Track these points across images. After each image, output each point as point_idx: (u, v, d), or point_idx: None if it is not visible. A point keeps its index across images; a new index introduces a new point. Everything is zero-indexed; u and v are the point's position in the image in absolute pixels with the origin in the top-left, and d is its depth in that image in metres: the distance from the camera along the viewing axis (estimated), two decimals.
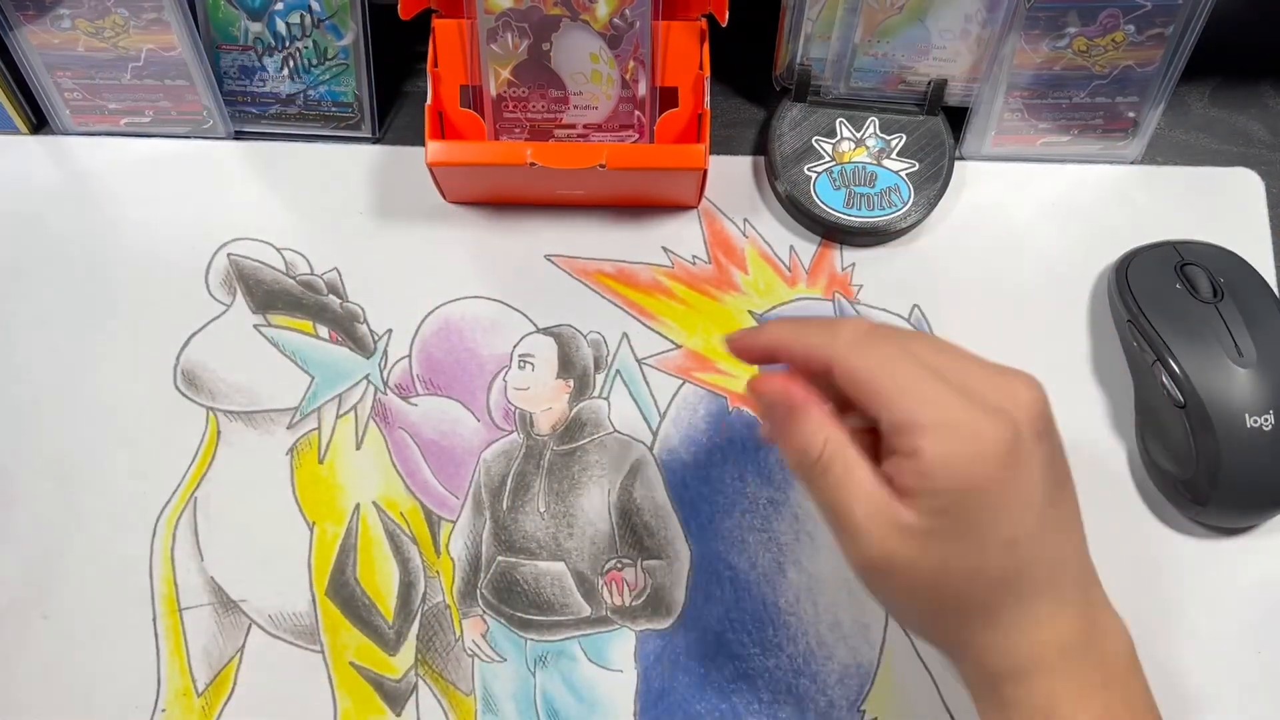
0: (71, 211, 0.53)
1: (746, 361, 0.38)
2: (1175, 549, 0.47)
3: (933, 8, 0.49)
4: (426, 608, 0.46)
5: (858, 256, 0.52)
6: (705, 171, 0.49)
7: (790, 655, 0.46)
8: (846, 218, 0.51)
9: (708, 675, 0.45)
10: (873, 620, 0.46)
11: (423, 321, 0.51)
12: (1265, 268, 0.51)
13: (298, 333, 0.50)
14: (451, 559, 0.47)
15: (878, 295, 0.51)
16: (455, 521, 0.47)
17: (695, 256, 0.52)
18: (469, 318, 0.51)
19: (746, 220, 0.53)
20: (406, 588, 0.46)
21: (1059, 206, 0.53)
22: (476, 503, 0.48)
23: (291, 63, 0.52)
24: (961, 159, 0.54)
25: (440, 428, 0.49)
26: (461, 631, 0.46)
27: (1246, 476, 0.45)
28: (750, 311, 0.51)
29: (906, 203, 0.51)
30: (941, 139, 0.52)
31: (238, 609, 0.46)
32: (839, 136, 0.52)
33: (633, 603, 0.46)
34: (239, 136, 0.54)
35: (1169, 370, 0.46)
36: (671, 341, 0.50)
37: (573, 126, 0.51)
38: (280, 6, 0.50)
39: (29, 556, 0.47)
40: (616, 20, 0.48)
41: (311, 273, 0.51)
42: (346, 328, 0.50)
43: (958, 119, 0.53)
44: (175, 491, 0.48)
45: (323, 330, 0.50)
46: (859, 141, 0.52)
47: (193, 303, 0.51)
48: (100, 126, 0.54)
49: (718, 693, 0.45)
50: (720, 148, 0.54)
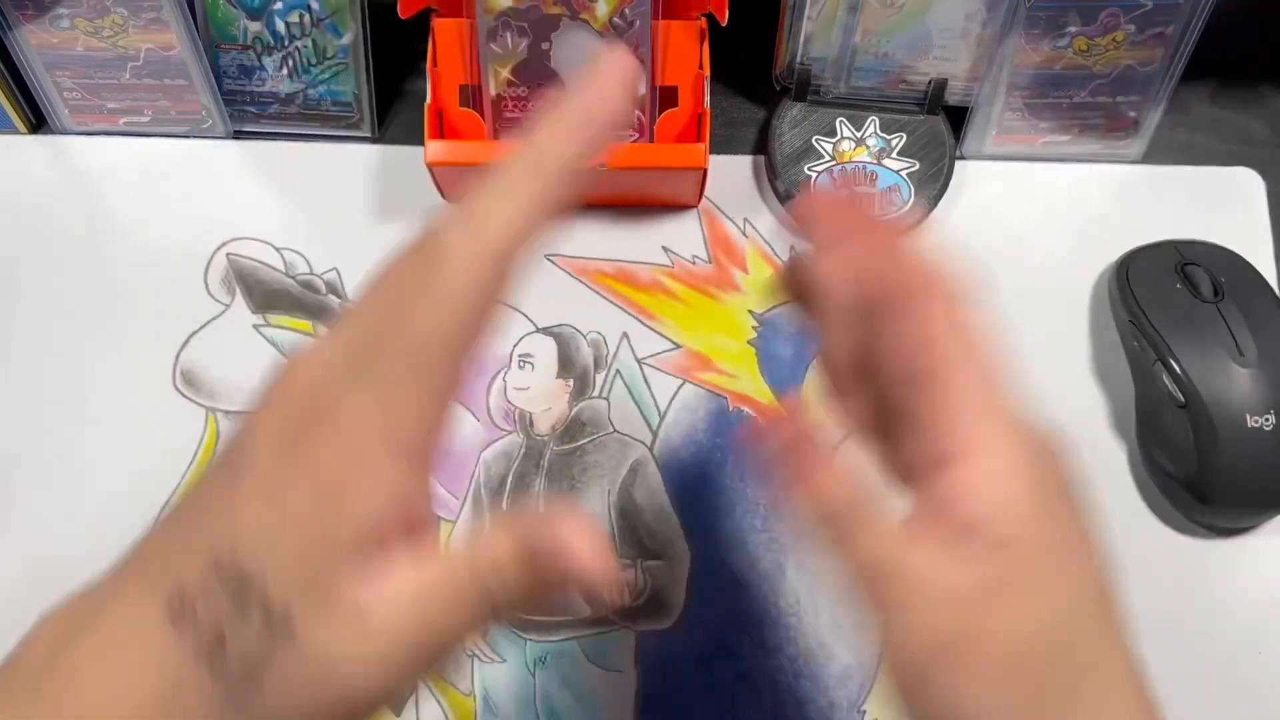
0: (70, 211, 0.52)
1: (805, 219, 0.30)
2: (1176, 549, 0.47)
3: (933, 7, 0.49)
4: None
5: None
6: (705, 171, 0.48)
7: (790, 656, 0.45)
8: None
9: (708, 676, 0.45)
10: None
11: None
12: (1266, 267, 0.51)
13: (297, 333, 0.50)
14: None
15: None
16: (455, 521, 0.47)
17: (695, 256, 0.52)
18: None
19: (747, 220, 0.53)
20: None
21: (1060, 206, 0.53)
22: (476, 503, 0.48)
23: (291, 62, 0.52)
24: (962, 158, 0.54)
25: None
26: None
27: (1247, 476, 0.45)
28: (750, 311, 0.51)
29: (907, 202, 0.51)
30: (942, 138, 0.52)
31: None
32: (839, 136, 0.52)
33: (633, 604, 0.46)
34: (238, 136, 0.54)
35: (1170, 370, 0.46)
36: (672, 341, 0.50)
37: None
38: (279, 6, 0.50)
39: (28, 556, 0.47)
40: (616, 20, 0.48)
41: (311, 272, 0.51)
42: None
43: (958, 118, 0.53)
44: (174, 492, 0.47)
45: (322, 330, 0.50)
46: (859, 141, 0.52)
47: (192, 302, 0.51)
48: (99, 126, 0.53)
49: (718, 693, 0.45)
50: (720, 147, 0.54)
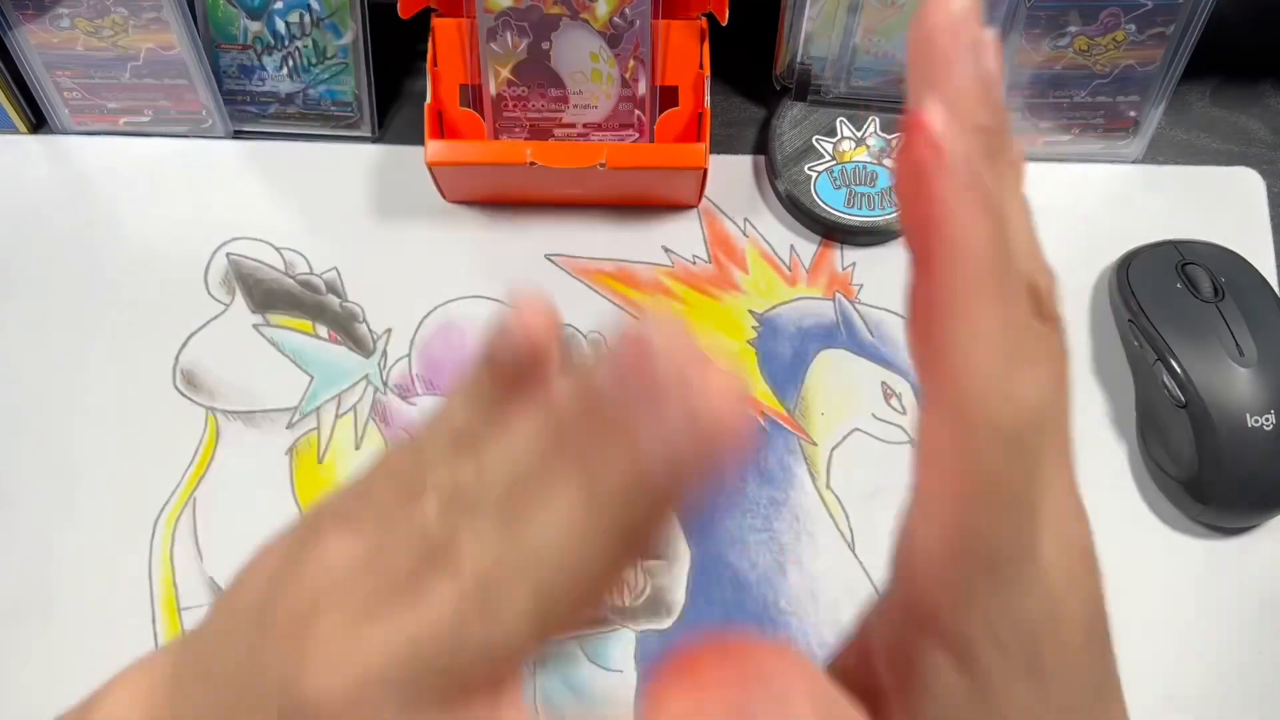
0: (70, 211, 0.52)
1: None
2: (1176, 548, 0.47)
3: None
4: None
5: (858, 256, 0.52)
6: (705, 171, 0.48)
7: None
8: (847, 217, 0.51)
9: None
10: None
11: (422, 321, 0.51)
12: (1266, 267, 0.51)
13: (297, 332, 0.50)
14: None
15: (878, 295, 0.51)
16: None
17: (695, 256, 0.52)
18: (469, 317, 0.51)
19: (747, 220, 0.53)
20: None
21: (1060, 206, 0.53)
22: None
23: (291, 62, 0.52)
24: None
25: None
26: None
27: (1247, 476, 0.45)
28: (751, 311, 0.51)
29: None
30: None
31: None
32: (839, 136, 0.52)
33: (632, 603, 0.46)
34: (238, 136, 0.54)
35: (1170, 370, 0.46)
36: None
37: (572, 126, 0.51)
38: (279, 5, 0.50)
39: (28, 557, 0.47)
40: (616, 19, 0.48)
41: (311, 272, 0.51)
42: (346, 327, 0.50)
43: None
44: (174, 492, 0.48)
45: (322, 330, 0.50)
46: (860, 141, 0.52)
47: (192, 302, 0.51)
48: (99, 126, 0.53)
49: None
50: (720, 147, 0.54)
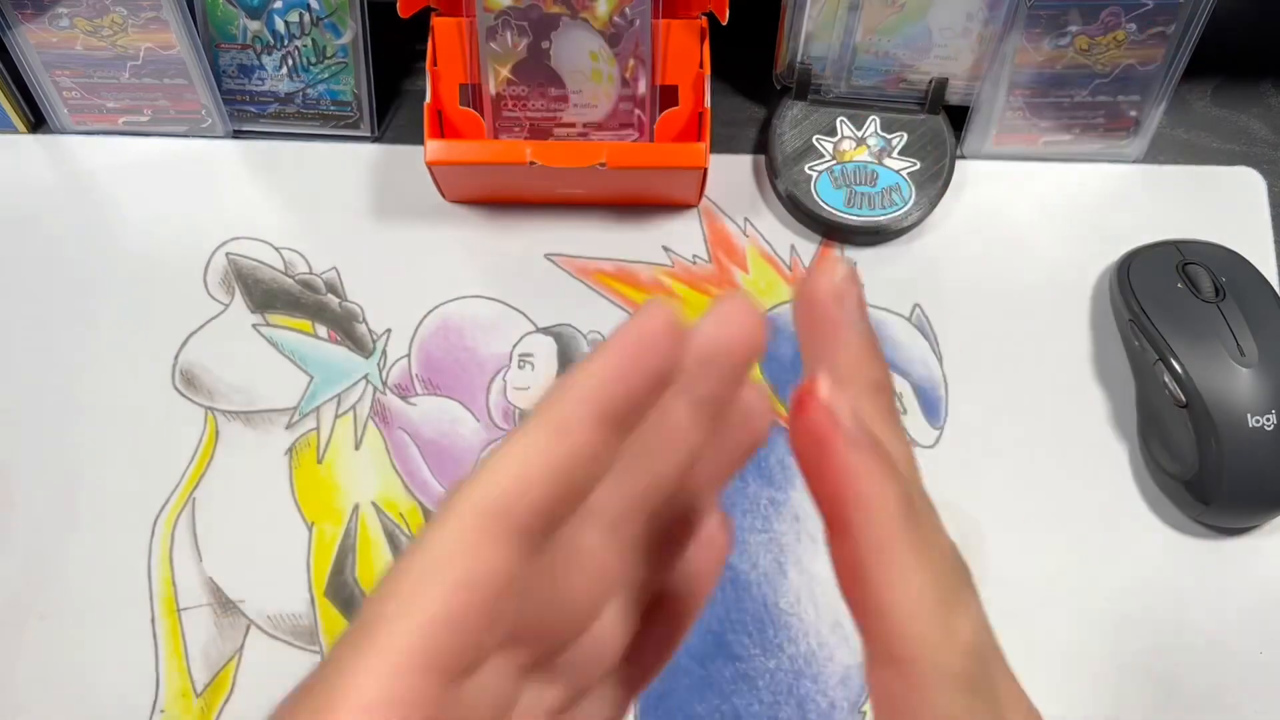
0: (69, 211, 0.52)
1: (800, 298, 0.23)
2: (1177, 549, 0.47)
3: (934, 6, 0.49)
4: None
5: (858, 256, 0.52)
6: (705, 170, 0.48)
7: (791, 656, 0.45)
8: (847, 217, 0.51)
9: (708, 676, 0.45)
10: None
11: (422, 321, 0.50)
12: (1267, 267, 0.51)
13: (296, 332, 0.50)
14: None
15: (879, 295, 0.51)
16: None
17: (695, 256, 0.52)
18: (468, 317, 0.51)
19: (747, 219, 0.53)
20: None
21: (1060, 205, 0.53)
22: None
23: (290, 61, 0.52)
24: (963, 158, 0.54)
25: (440, 427, 0.49)
26: None
27: (1248, 476, 0.45)
28: None
29: (907, 202, 0.51)
30: (943, 138, 0.52)
31: (236, 609, 0.46)
32: (840, 135, 0.52)
33: None
34: (237, 135, 0.54)
35: (1171, 370, 0.46)
36: None
37: (572, 125, 0.51)
38: (279, 5, 0.50)
39: (27, 557, 0.47)
40: (616, 18, 0.48)
41: (310, 272, 0.51)
42: (345, 327, 0.50)
43: (959, 118, 0.53)
44: (174, 491, 0.47)
45: (321, 330, 0.50)
46: (860, 140, 0.52)
47: (191, 302, 0.51)
48: (98, 125, 0.53)
49: (718, 694, 0.45)
50: (720, 146, 0.54)
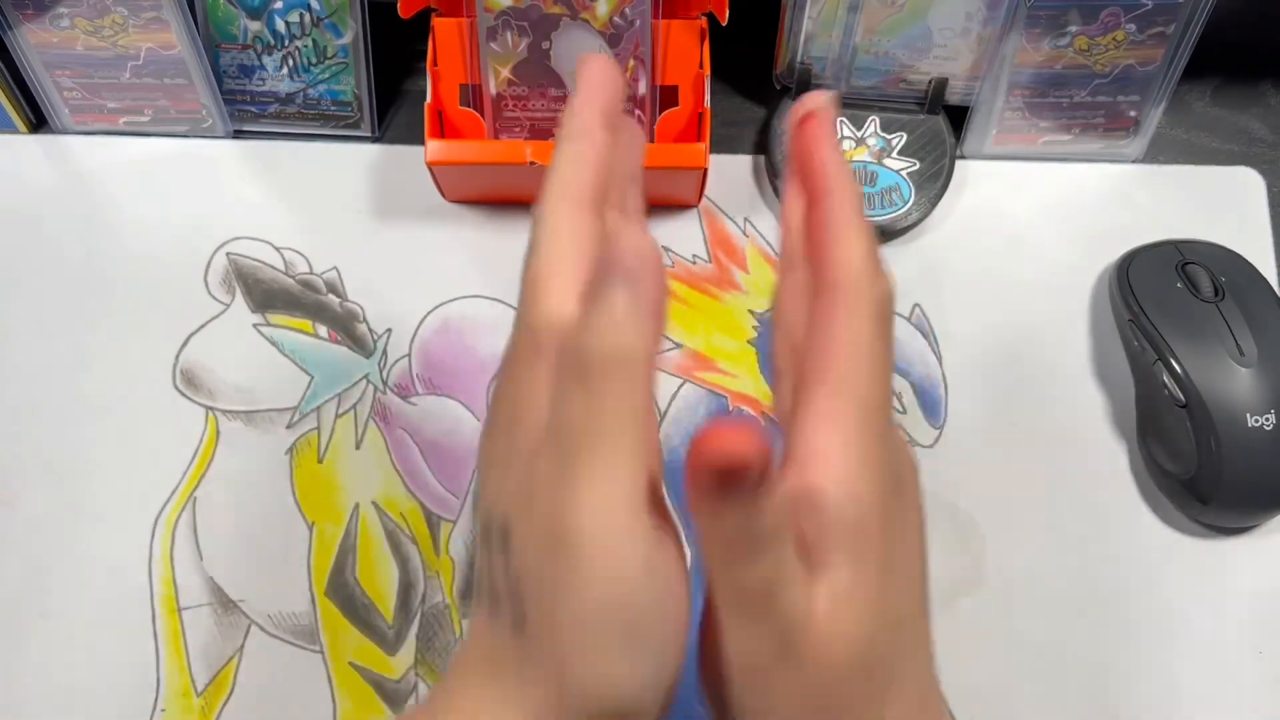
0: (70, 211, 0.52)
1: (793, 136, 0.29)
2: (1176, 549, 0.47)
3: (933, 6, 0.49)
4: (426, 608, 0.46)
5: None
6: (705, 170, 0.48)
7: None
8: None
9: None
10: None
11: (422, 321, 0.51)
12: (1266, 267, 0.51)
13: (297, 332, 0.50)
14: (451, 559, 0.47)
15: None
16: (455, 521, 0.47)
17: (695, 255, 0.52)
18: (469, 317, 0.51)
19: (747, 219, 0.53)
20: (406, 588, 0.46)
21: (1060, 205, 0.53)
22: (477, 502, 0.48)
23: (291, 61, 0.52)
24: (962, 158, 0.54)
25: (440, 427, 0.49)
26: (462, 631, 0.46)
27: (1248, 476, 0.45)
28: (751, 310, 0.51)
29: (907, 202, 0.51)
30: (942, 138, 0.52)
31: (237, 609, 0.46)
32: (839, 135, 0.52)
33: None
34: (238, 135, 0.54)
35: (1170, 369, 0.46)
36: (672, 341, 0.50)
37: None
38: (279, 5, 0.50)
39: (28, 556, 0.47)
40: (616, 19, 0.48)
41: (311, 272, 0.51)
42: (346, 327, 0.50)
43: (959, 118, 0.53)
44: (174, 491, 0.48)
45: (322, 329, 0.50)
46: (860, 140, 0.52)
47: (192, 302, 0.51)
48: (99, 125, 0.53)
49: None
50: (720, 147, 0.54)
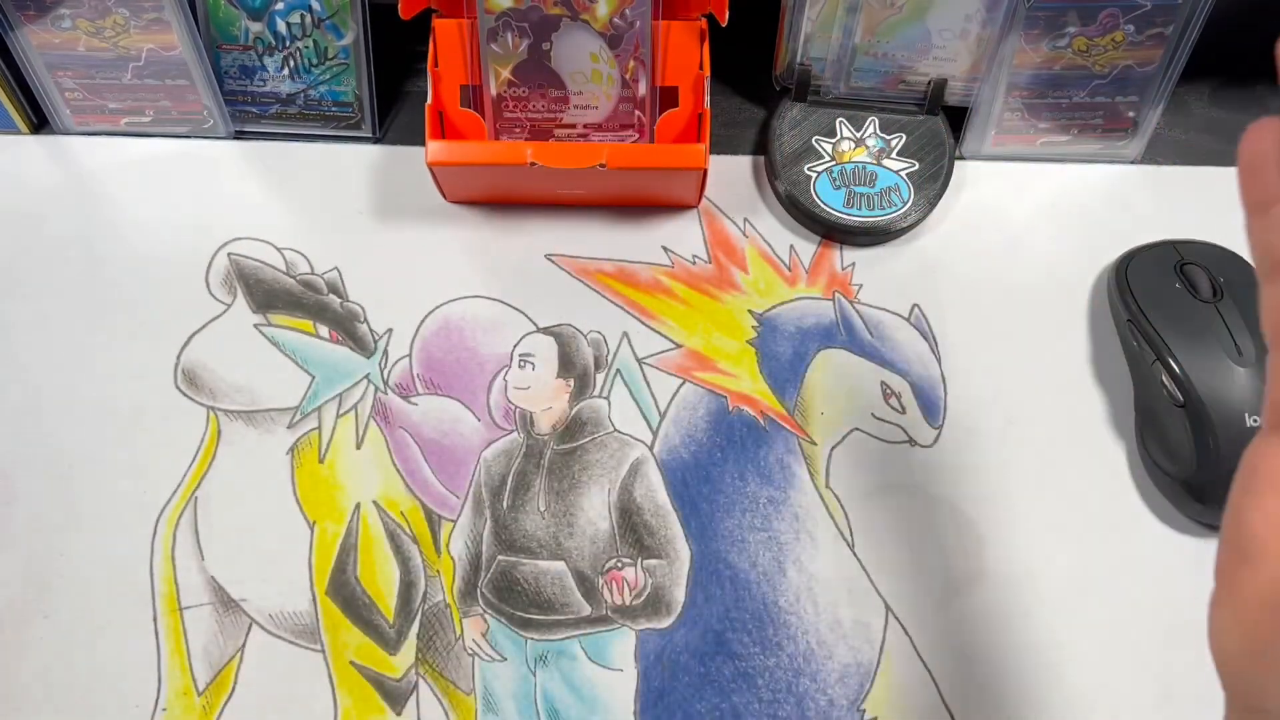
0: (72, 211, 0.53)
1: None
2: (1175, 548, 0.47)
3: (933, 7, 0.49)
4: (427, 607, 0.46)
5: (858, 256, 0.52)
6: (705, 171, 0.49)
7: (790, 654, 0.46)
8: (846, 217, 0.51)
9: (708, 674, 0.45)
10: (873, 619, 0.46)
11: (423, 321, 0.51)
12: None
13: (298, 332, 0.50)
14: (452, 558, 0.47)
15: (878, 295, 0.51)
16: (455, 521, 0.47)
17: (695, 256, 0.52)
18: (469, 317, 0.51)
19: (747, 220, 0.53)
20: (407, 587, 0.46)
21: (1059, 206, 0.53)
22: (477, 502, 0.48)
23: (292, 62, 0.52)
24: (961, 158, 0.54)
25: (440, 427, 0.49)
26: (462, 631, 0.46)
27: None
28: (751, 311, 0.51)
29: (906, 202, 0.51)
30: (941, 138, 0.52)
31: (238, 608, 0.46)
32: (839, 136, 0.52)
33: (633, 602, 0.46)
34: (239, 136, 0.54)
35: (1169, 370, 0.46)
36: (672, 341, 0.50)
37: (573, 126, 0.51)
38: (280, 6, 0.50)
39: (29, 556, 0.47)
40: (616, 20, 0.48)
41: (312, 272, 0.51)
42: (347, 327, 0.50)
43: (958, 118, 0.53)
44: (176, 491, 0.48)
45: (323, 330, 0.50)
46: (859, 141, 0.52)
47: (193, 302, 0.51)
48: (100, 126, 0.54)
49: (718, 692, 0.45)
50: (720, 147, 0.54)
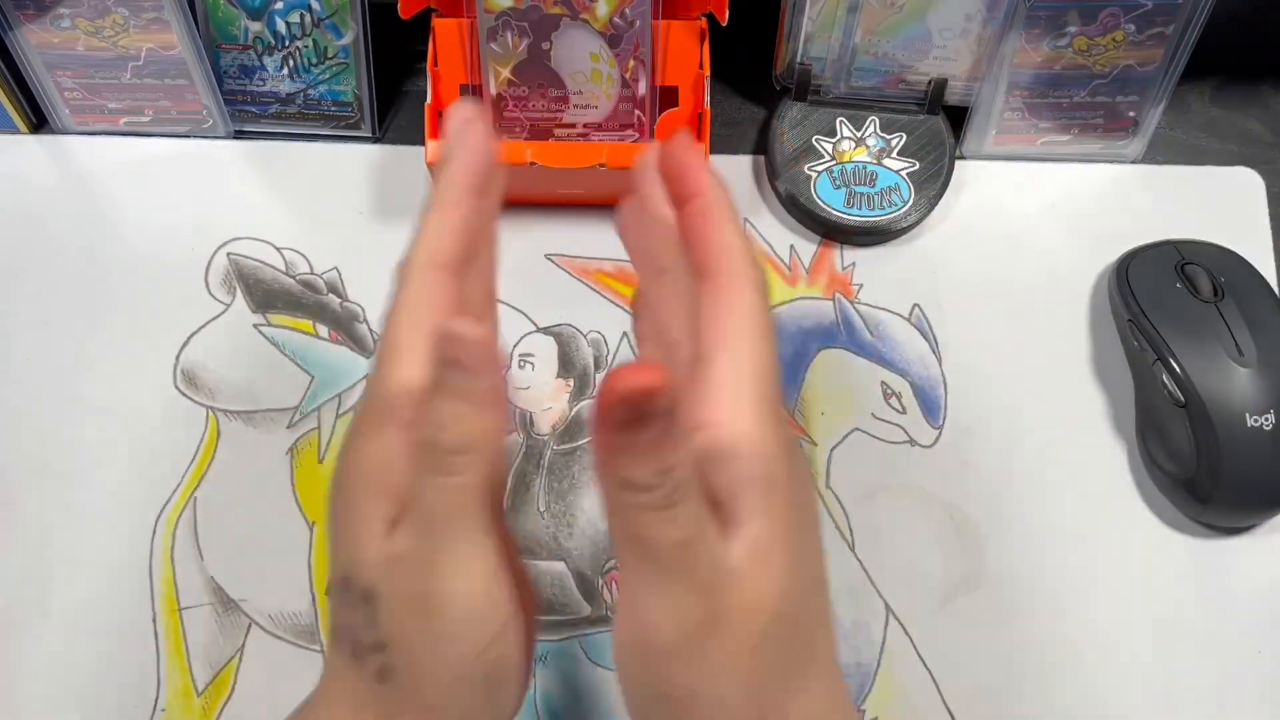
0: (71, 211, 0.52)
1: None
2: (1176, 549, 0.47)
3: (933, 6, 0.49)
4: None
5: (858, 256, 0.52)
6: None
7: None
8: (847, 217, 0.51)
9: None
10: (873, 620, 0.46)
11: None
12: (1266, 267, 0.51)
13: (297, 332, 0.50)
14: None
15: (878, 295, 0.51)
16: None
17: None
18: None
19: (747, 220, 0.53)
20: None
21: (1059, 206, 0.53)
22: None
23: (291, 62, 0.52)
24: (962, 158, 0.54)
25: None
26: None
27: (1247, 476, 0.45)
28: None
29: (907, 202, 0.51)
30: (942, 138, 0.52)
31: (237, 608, 0.46)
32: (839, 136, 0.52)
33: None
34: (239, 136, 0.54)
35: (1169, 370, 0.46)
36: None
37: (573, 126, 0.51)
38: (280, 5, 0.50)
39: (28, 556, 0.47)
40: (616, 19, 0.48)
41: (311, 272, 0.51)
42: (346, 327, 0.50)
43: (958, 118, 0.53)
44: (175, 491, 0.48)
45: (322, 329, 0.50)
46: (859, 141, 0.52)
47: (192, 302, 0.51)
48: (100, 126, 0.54)
49: None
50: (720, 147, 0.54)
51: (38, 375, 0.49)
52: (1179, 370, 0.46)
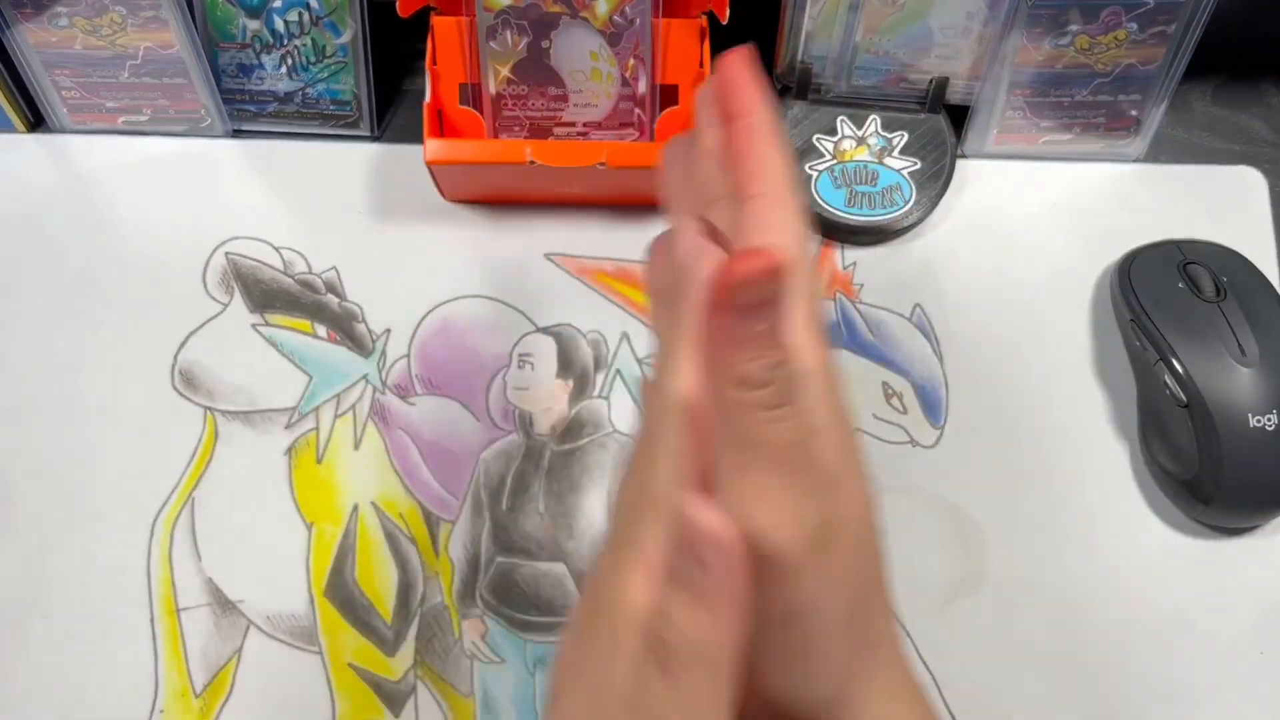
0: (69, 210, 0.52)
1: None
2: (1177, 549, 0.47)
3: (934, 5, 0.49)
4: (425, 609, 0.46)
5: (859, 255, 0.52)
6: None
7: None
8: (848, 216, 0.51)
9: None
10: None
11: (421, 321, 0.50)
12: (1268, 266, 0.51)
13: (296, 332, 0.50)
14: (450, 560, 0.47)
15: (879, 294, 0.51)
16: (454, 522, 0.47)
17: None
18: (468, 317, 0.51)
19: None
20: (405, 589, 0.46)
21: (1061, 205, 0.53)
22: (475, 503, 0.47)
23: (290, 60, 0.51)
24: (963, 157, 0.54)
25: (439, 428, 0.49)
26: (461, 633, 0.46)
27: (1249, 476, 0.45)
28: None
29: (908, 201, 0.51)
30: (943, 137, 0.52)
31: (236, 610, 0.46)
32: (840, 135, 0.52)
33: None
34: (237, 135, 0.54)
35: (1172, 370, 0.46)
36: None
37: (572, 124, 0.51)
38: (278, 4, 0.50)
39: (26, 557, 0.46)
40: (616, 18, 0.48)
41: (310, 271, 0.51)
42: (345, 327, 0.50)
43: (959, 117, 0.53)
44: (173, 492, 0.47)
45: (321, 329, 0.50)
46: (860, 140, 0.52)
47: (190, 302, 0.51)
48: (98, 125, 0.53)
49: None
50: None
51: (35, 374, 0.49)
52: (1181, 370, 0.46)
